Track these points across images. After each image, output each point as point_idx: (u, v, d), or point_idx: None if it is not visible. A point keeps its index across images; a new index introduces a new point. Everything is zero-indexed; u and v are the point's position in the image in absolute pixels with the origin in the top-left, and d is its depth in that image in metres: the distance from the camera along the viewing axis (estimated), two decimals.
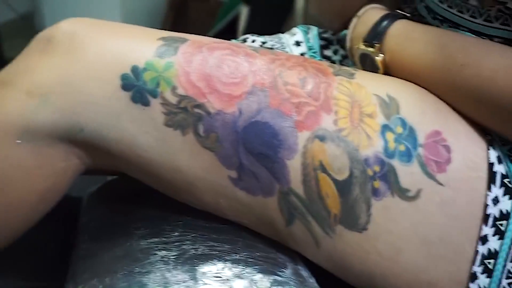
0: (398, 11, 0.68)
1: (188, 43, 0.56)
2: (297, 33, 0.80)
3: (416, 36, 0.62)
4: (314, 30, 0.81)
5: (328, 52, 0.79)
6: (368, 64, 0.65)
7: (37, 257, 0.75)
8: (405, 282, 0.57)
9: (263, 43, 0.79)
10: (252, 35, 0.81)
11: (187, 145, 0.55)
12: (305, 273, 0.58)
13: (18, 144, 0.55)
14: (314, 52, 0.78)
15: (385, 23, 0.65)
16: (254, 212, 0.57)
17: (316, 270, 0.60)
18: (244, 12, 2.12)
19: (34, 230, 0.64)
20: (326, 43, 0.80)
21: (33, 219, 0.61)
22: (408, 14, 0.67)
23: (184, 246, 0.58)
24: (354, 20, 0.68)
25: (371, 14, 0.68)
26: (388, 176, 0.54)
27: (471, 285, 0.56)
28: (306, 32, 0.81)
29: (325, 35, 0.81)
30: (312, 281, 0.58)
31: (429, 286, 0.56)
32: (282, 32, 0.83)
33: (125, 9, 2.30)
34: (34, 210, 0.60)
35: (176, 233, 0.60)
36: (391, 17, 0.65)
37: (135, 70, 0.54)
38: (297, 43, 0.79)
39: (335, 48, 0.80)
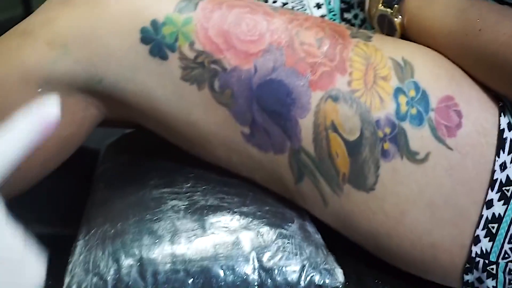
0: None
1: (208, 0, 0.57)
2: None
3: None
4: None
5: (348, 15, 0.80)
6: (385, 27, 0.65)
7: (54, 205, 0.78)
8: (409, 243, 0.58)
9: (284, 4, 0.80)
10: None
11: (202, 100, 0.57)
12: (311, 228, 0.60)
13: (39, 93, 0.57)
14: (334, 15, 0.78)
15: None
16: (264, 169, 0.59)
17: (322, 227, 0.62)
18: None
19: (52, 179, 0.67)
20: (346, 6, 0.80)
21: (52, 166, 0.64)
22: None
23: (194, 197, 0.61)
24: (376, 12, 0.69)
25: None
26: (398, 139, 0.55)
27: (473, 248, 0.58)
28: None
29: None
30: (317, 236, 0.60)
31: (432, 247, 0.58)
32: None
33: None
34: (53, 157, 0.63)
35: (188, 184, 0.62)
36: None
37: (154, 24, 0.55)
38: (318, 5, 0.80)
39: (355, 12, 0.80)
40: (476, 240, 0.58)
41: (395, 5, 0.63)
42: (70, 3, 0.57)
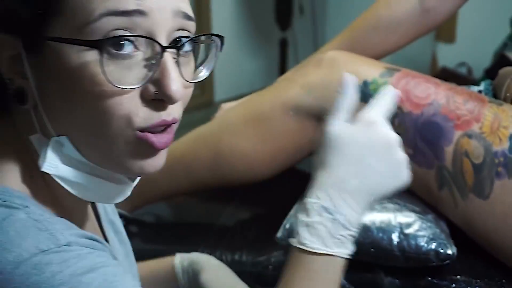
0: None
1: (401, 72, 0.88)
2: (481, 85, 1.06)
3: None
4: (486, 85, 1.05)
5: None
6: None
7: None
8: (508, 238, 0.80)
9: None
10: None
11: None
12: (441, 221, 0.85)
13: (291, 115, 0.90)
14: (486, 94, 1.00)
15: None
16: (419, 179, 0.85)
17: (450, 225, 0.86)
18: None
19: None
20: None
21: (282, 166, 0.95)
22: None
23: None
24: (508, 81, 0.93)
25: None
26: (508, 165, 0.79)
27: None
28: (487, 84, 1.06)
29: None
30: (444, 225, 0.84)
31: None
32: None
33: None
34: (285, 159, 0.94)
35: None
36: None
37: (365, 83, 0.87)
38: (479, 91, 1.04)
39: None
40: None
41: None
42: (318, 66, 0.91)
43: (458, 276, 0.85)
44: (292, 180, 1.00)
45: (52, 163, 0.51)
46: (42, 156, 0.51)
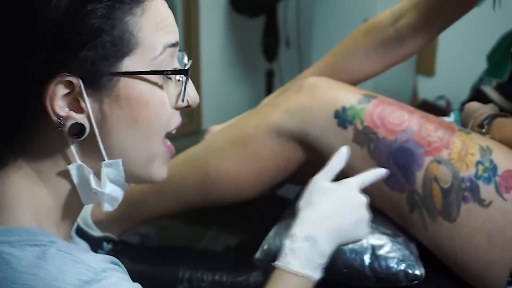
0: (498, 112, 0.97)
1: (378, 99, 0.91)
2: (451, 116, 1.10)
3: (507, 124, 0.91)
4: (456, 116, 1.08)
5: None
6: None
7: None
8: (473, 259, 0.83)
9: None
10: None
11: (362, 154, 0.89)
12: (411, 243, 0.88)
13: (272, 138, 0.93)
14: (457, 123, 1.04)
15: (488, 119, 0.93)
16: (391, 202, 0.89)
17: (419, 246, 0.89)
18: None
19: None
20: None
21: (266, 187, 0.98)
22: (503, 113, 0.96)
23: None
24: (472, 120, 0.97)
25: (481, 115, 0.96)
26: (474, 190, 0.83)
27: None
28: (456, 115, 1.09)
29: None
30: (413, 247, 0.87)
31: (487, 263, 0.82)
32: None
33: None
34: (269, 180, 0.96)
35: None
36: (492, 117, 0.94)
37: (343, 108, 0.90)
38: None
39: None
40: None
41: (486, 125, 0.93)
42: (300, 92, 0.93)
43: None
44: (269, 206, 1.05)
45: (107, 183, 0.58)
46: (92, 180, 0.57)
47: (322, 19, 2.47)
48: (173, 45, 0.58)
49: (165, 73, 0.57)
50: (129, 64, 0.55)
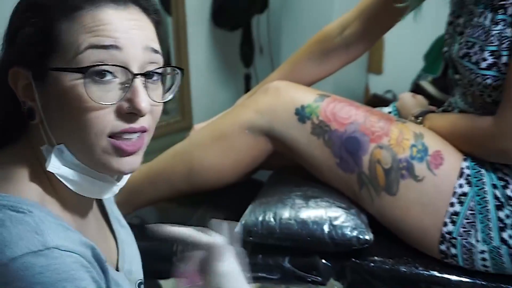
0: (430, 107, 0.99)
1: (330, 97, 0.91)
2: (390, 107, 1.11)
3: (440, 118, 0.92)
4: (393, 106, 1.10)
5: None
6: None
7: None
8: (410, 225, 0.84)
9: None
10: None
11: (319, 144, 0.89)
12: (362, 214, 0.89)
13: (246, 133, 0.93)
14: (395, 114, 1.07)
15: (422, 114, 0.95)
16: (344, 182, 0.89)
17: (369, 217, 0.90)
18: None
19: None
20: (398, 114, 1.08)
21: (243, 174, 0.97)
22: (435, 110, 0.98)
23: (307, 192, 0.93)
24: (410, 117, 0.98)
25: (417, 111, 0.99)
26: (410, 169, 0.84)
27: (443, 229, 0.82)
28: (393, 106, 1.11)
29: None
30: (364, 217, 0.88)
31: (423, 228, 0.83)
32: None
33: None
34: (245, 168, 0.96)
35: (305, 188, 0.94)
36: (425, 112, 0.96)
37: (302, 106, 0.90)
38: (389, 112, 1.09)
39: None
40: (445, 224, 0.82)
41: (420, 117, 0.94)
42: (266, 94, 0.93)
43: (375, 257, 0.89)
44: (245, 189, 1.03)
45: (55, 165, 0.55)
46: (47, 160, 0.55)
47: (288, 31, 2.48)
48: (98, 47, 0.52)
49: (70, 70, 0.52)
50: (54, 60, 0.53)
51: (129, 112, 0.54)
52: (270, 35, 2.64)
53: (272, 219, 0.89)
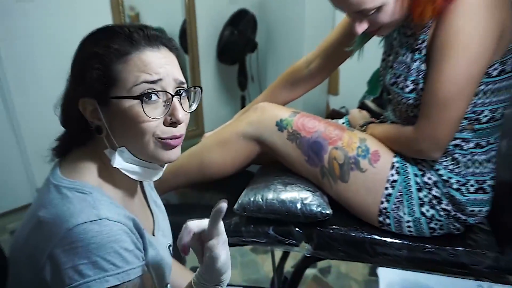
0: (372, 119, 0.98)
1: (300, 114, 0.91)
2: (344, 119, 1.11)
3: (377, 127, 0.91)
4: (346, 119, 1.10)
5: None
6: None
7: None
8: (359, 203, 0.84)
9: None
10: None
11: (293, 147, 0.89)
12: (324, 195, 0.88)
13: (241, 139, 0.93)
14: (347, 124, 1.07)
15: (366, 124, 0.95)
16: (311, 173, 0.89)
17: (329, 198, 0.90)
18: None
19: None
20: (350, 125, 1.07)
21: (239, 168, 0.96)
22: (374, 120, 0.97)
23: (286, 180, 0.92)
24: (357, 126, 0.98)
25: (362, 122, 0.98)
26: (357, 163, 0.84)
27: (381, 205, 0.82)
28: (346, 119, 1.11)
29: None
30: (326, 198, 0.88)
31: (367, 205, 0.83)
32: None
33: None
34: (241, 164, 0.95)
35: (284, 176, 0.93)
36: (368, 123, 0.96)
37: (281, 120, 0.90)
38: (343, 123, 1.09)
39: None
40: (382, 202, 0.82)
41: (364, 126, 0.95)
42: (255, 111, 0.93)
43: (334, 226, 0.88)
44: (242, 177, 1.02)
45: (119, 161, 0.57)
46: (112, 159, 0.57)
47: (272, 65, 2.50)
48: (149, 81, 0.54)
49: (129, 98, 0.54)
50: (115, 91, 0.55)
51: (171, 122, 0.56)
52: (259, 68, 2.66)
53: (260, 200, 0.88)
